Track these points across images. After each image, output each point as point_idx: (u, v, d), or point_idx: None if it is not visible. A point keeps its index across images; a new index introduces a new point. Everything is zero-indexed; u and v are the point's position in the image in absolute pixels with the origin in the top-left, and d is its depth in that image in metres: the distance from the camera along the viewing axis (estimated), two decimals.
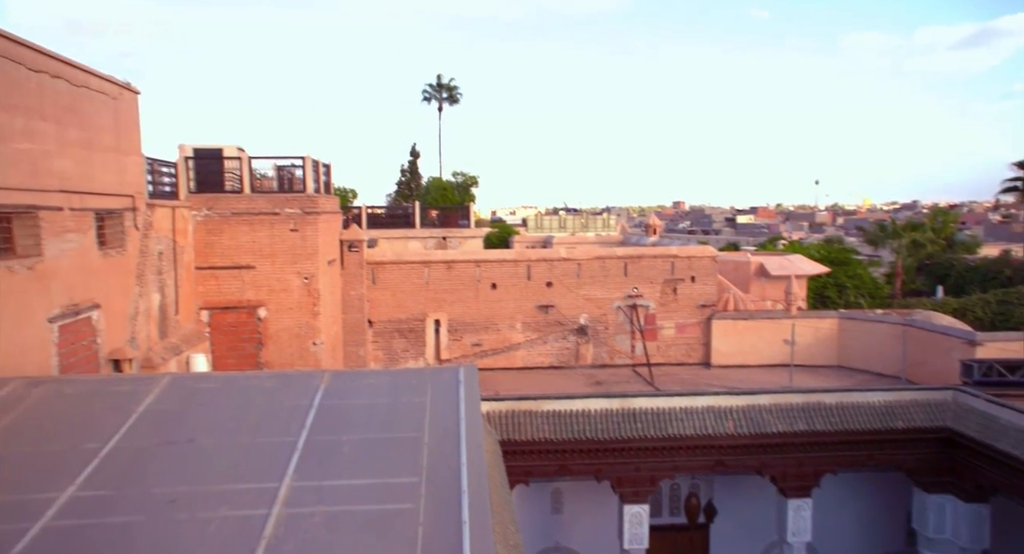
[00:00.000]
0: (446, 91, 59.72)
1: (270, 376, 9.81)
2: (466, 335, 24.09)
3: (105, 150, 12.39)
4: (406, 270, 23.77)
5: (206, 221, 17.30)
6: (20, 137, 9.72)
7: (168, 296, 15.57)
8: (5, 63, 9.38)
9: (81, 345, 11.57)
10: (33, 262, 10.07)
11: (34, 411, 8.09)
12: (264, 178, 19.86)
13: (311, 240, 17.82)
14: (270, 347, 17.77)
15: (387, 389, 9.11)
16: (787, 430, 16.86)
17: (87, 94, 11.74)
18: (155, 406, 8.38)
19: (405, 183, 52.92)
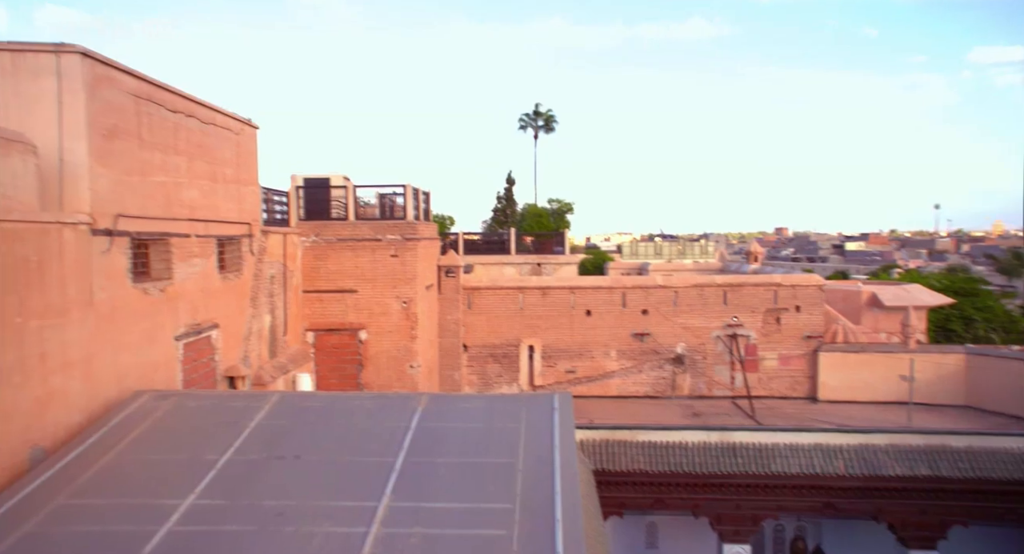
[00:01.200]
0: (542, 119, 60.55)
1: (371, 397, 10.14)
2: (560, 362, 23.99)
3: (227, 181, 13.39)
4: (501, 296, 24.05)
5: (313, 247, 18.26)
6: (158, 171, 10.68)
7: (278, 318, 16.49)
8: (150, 106, 10.38)
9: (202, 362, 12.42)
10: (164, 285, 10.96)
11: (162, 422, 8.74)
12: (367, 206, 20.80)
13: (410, 265, 18.40)
14: (370, 368, 18.39)
15: (482, 414, 9.18)
16: (907, 474, 15.57)
17: (213, 130, 12.77)
18: (265, 422, 8.84)
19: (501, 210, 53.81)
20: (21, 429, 7.57)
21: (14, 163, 7.74)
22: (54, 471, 7.36)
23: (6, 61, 8.53)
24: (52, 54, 8.61)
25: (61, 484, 7.15)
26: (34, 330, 7.79)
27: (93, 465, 7.58)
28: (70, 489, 7.08)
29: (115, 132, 9.48)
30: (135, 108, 10.01)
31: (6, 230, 7.37)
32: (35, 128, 8.54)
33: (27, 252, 7.70)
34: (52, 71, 8.60)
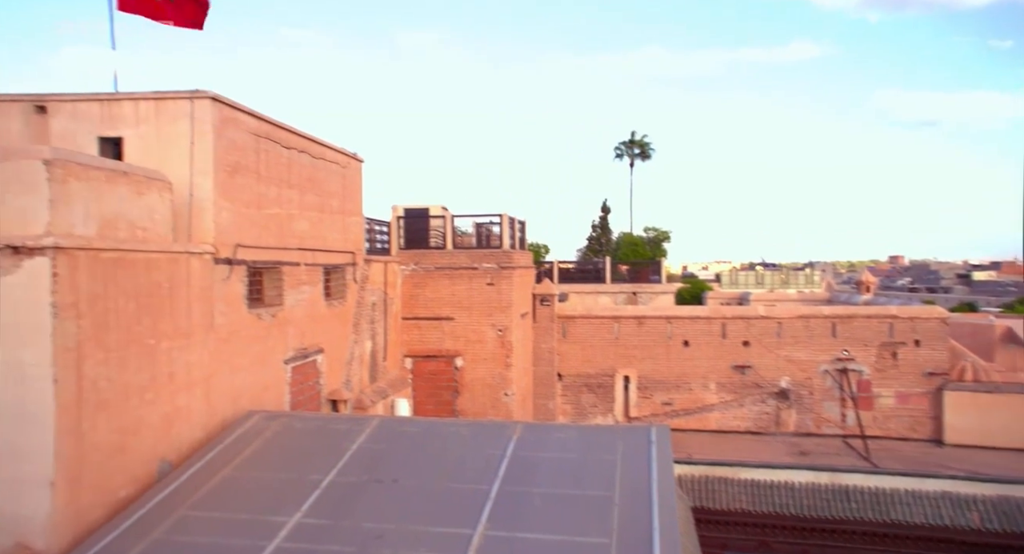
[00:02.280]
0: (638, 147, 60.15)
1: (466, 424, 10.25)
2: (656, 393, 23.37)
3: (334, 212, 14.12)
4: (596, 325, 23.82)
5: (412, 275, 18.84)
6: (273, 204, 11.43)
7: (378, 343, 17.06)
8: (267, 143, 11.18)
9: (308, 385, 13.02)
10: (276, 311, 11.63)
11: (271, 442, 9.20)
12: (464, 235, 21.30)
13: (506, 294, 18.61)
14: (465, 395, 18.62)
15: (577, 444, 9.06)
16: None
17: (323, 164, 13.55)
18: (366, 445, 9.11)
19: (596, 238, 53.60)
20: (151, 443, 8.18)
21: (153, 199, 8.52)
22: (178, 483, 7.89)
23: (151, 108, 9.47)
24: (188, 100, 9.47)
25: (184, 496, 7.65)
26: (164, 351, 8.46)
27: (211, 479, 8.07)
28: (191, 501, 7.56)
29: (237, 168, 10.26)
30: (255, 146, 10.80)
31: (144, 259, 8.09)
32: (170, 166, 9.38)
33: (160, 279, 8.41)
34: (187, 115, 9.46)
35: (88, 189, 7.38)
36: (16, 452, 6.71)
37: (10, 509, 6.72)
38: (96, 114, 9.55)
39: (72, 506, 6.93)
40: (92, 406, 7.18)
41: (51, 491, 6.71)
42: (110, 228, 7.72)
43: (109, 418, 7.44)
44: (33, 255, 6.66)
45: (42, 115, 9.58)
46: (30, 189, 6.83)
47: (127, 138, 9.52)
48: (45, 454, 6.70)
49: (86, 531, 7.06)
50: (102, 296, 7.35)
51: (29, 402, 6.69)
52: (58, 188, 6.94)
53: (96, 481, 7.26)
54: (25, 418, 6.70)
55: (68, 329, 6.85)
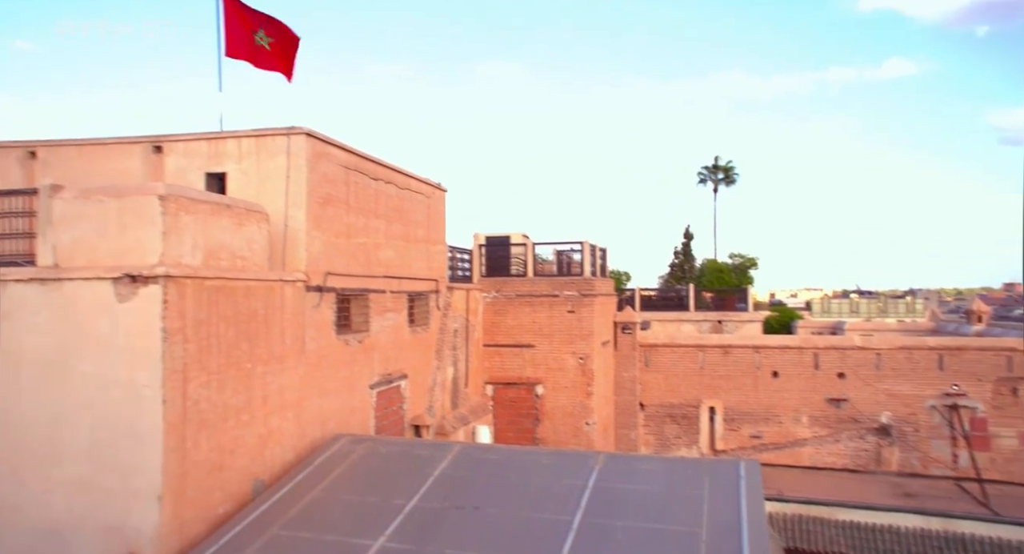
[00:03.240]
0: (722, 172, 58.88)
1: (548, 453, 10.16)
2: (744, 425, 22.43)
3: (418, 241, 14.52)
4: (679, 353, 23.22)
5: (494, 302, 19.02)
6: (360, 233, 11.88)
7: (460, 370, 17.25)
8: (356, 175, 11.68)
9: (392, 410, 13.30)
10: (362, 337, 12.00)
11: (357, 465, 9.42)
12: (545, 262, 21.37)
13: (587, 321, 18.47)
14: (545, 423, 18.48)
15: (661, 476, 8.80)
16: None
17: (408, 194, 13.99)
18: (448, 471, 9.18)
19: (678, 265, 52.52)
20: (247, 462, 8.56)
21: (251, 229, 9.04)
22: (270, 503, 8.20)
23: (252, 145, 10.12)
24: (284, 136, 10.06)
25: (276, 516, 7.93)
26: (259, 375, 8.87)
27: (301, 500, 8.33)
28: (282, 521, 7.83)
29: (328, 200, 10.76)
30: (344, 178, 11.31)
31: (243, 287, 8.57)
32: (267, 198, 9.95)
33: (257, 306, 8.87)
34: (283, 150, 10.04)
35: (196, 222, 7.92)
36: (128, 466, 7.18)
37: (123, 520, 7.17)
38: (204, 151, 10.29)
39: (176, 520, 7.32)
40: (195, 425, 7.60)
41: (159, 504, 7.12)
42: (213, 257, 8.24)
43: (209, 437, 7.85)
44: (147, 283, 7.18)
45: (159, 154, 10.41)
46: (147, 222, 7.41)
47: (230, 173, 10.19)
48: (154, 469, 7.13)
49: (189, 544, 7.42)
50: (205, 322, 7.82)
51: (141, 420, 7.16)
52: (170, 221, 7.49)
53: (197, 497, 7.64)
54: (137, 435, 7.17)
55: (176, 352, 7.32)
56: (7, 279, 7.55)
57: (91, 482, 7.25)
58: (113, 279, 7.25)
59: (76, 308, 7.38)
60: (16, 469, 7.45)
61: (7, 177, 10.79)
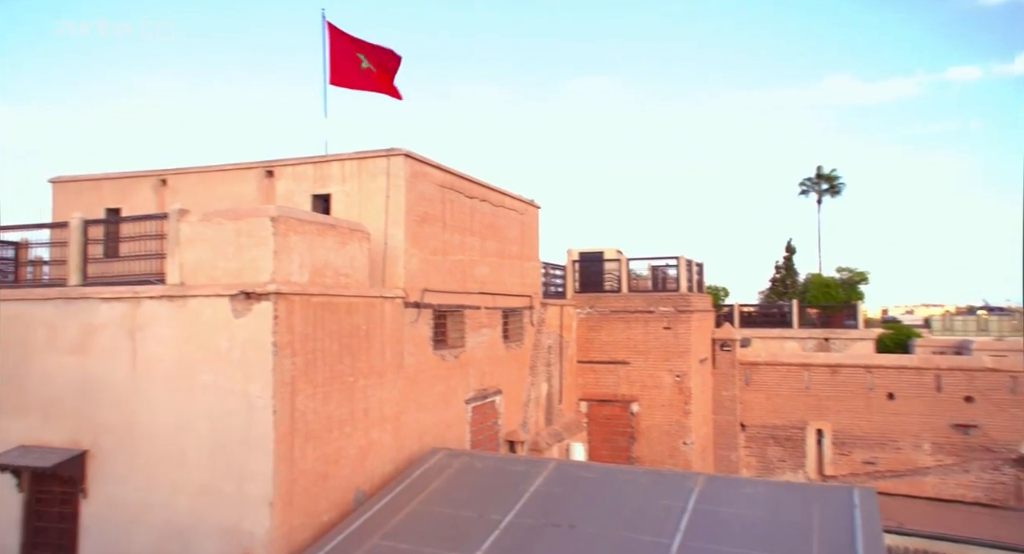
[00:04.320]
0: (826, 182, 56.01)
1: (644, 473, 9.91)
2: (856, 450, 21.01)
3: (512, 257, 14.66)
4: (783, 372, 22.13)
5: (587, 318, 18.88)
6: (456, 250, 12.15)
7: (554, 386, 17.19)
8: (452, 193, 11.99)
9: (487, 425, 13.42)
10: (458, 352, 12.21)
11: (454, 479, 9.56)
12: (639, 278, 21.01)
13: (683, 338, 17.98)
14: (641, 442, 18.07)
15: (766, 501, 8.37)
16: None
17: (502, 211, 14.19)
18: (543, 488, 9.14)
19: (780, 280, 50.24)
20: (349, 473, 8.87)
21: (354, 248, 9.44)
22: (371, 513, 8.45)
23: (355, 167, 10.62)
24: (384, 158, 10.49)
25: (376, 526, 8.16)
26: (361, 388, 9.21)
27: (400, 512, 8.54)
28: (383, 531, 8.04)
29: (425, 218, 11.08)
30: (441, 196, 11.62)
31: (346, 303, 8.95)
32: (368, 218, 10.38)
33: (359, 322, 9.22)
34: (383, 171, 10.46)
35: (303, 241, 8.37)
36: (243, 472, 7.61)
37: (238, 523, 7.60)
38: (311, 175, 10.89)
39: (286, 525, 7.67)
40: (302, 436, 7.97)
41: (270, 510, 7.49)
42: (319, 275, 8.66)
43: (315, 447, 8.20)
44: (260, 300, 7.64)
45: (270, 178, 11.11)
46: (259, 242, 7.90)
47: (334, 194, 10.72)
48: (265, 476, 7.53)
49: (297, 549, 7.76)
50: (311, 336, 8.21)
51: (254, 429, 7.59)
52: (280, 241, 7.95)
53: (304, 504, 7.99)
54: (250, 443, 7.60)
55: (285, 365, 7.72)
56: (142, 296, 8.25)
57: (211, 486, 7.74)
58: (230, 296, 7.76)
59: (199, 323, 7.94)
60: (147, 471, 8.07)
61: (143, 203, 11.83)
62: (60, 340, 8.63)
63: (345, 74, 11.66)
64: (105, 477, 8.25)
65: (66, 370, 8.56)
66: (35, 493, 8.63)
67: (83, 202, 12.04)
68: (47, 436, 8.57)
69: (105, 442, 8.29)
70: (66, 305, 8.64)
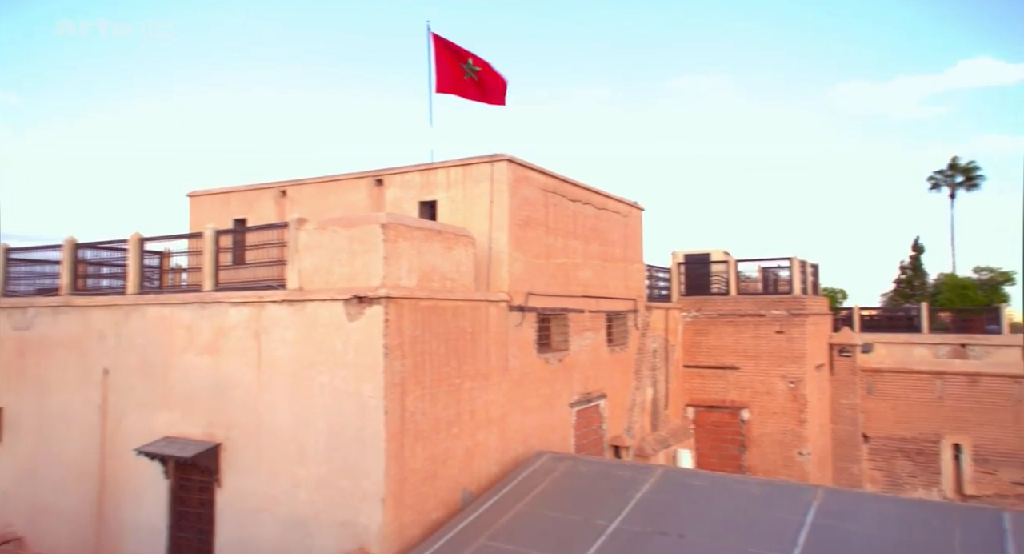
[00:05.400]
0: (961, 174, 51.43)
1: (758, 482, 9.47)
2: (1002, 469, 19.10)
3: (615, 260, 14.48)
4: (912, 381, 20.49)
5: (694, 322, 18.32)
6: (559, 254, 12.15)
7: (659, 391, 16.80)
8: (555, 197, 12.00)
9: (591, 429, 13.30)
10: (562, 356, 12.19)
11: (558, 482, 9.54)
12: (749, 280, 20.14)
13: (797, 343, 17.07)
14: (753, 451, 17.31)
15: (896, 519, 7.77)
16: None
17: (605, 214, 14.05)
18: (650, 495, 8.94)
19: (906, 281, 46.60)
20: (456, 473, 9.07)
21: (459, 253, 9.65)
22: (478, 513, 8.59)
23: (460, 173, 10.87)
24: (488, 164, 10.66)
25: (483, 526, 8.28)
26: (467, 390, 9.39)
27: (506, 513, 8.62)
28: (489, 532, 8.15)
29: (528, 222, 11.16)
30: (543, 200, 11.66)
31: (452, 307, 9.16)
32: (473, 223, 10.58)
33: (464, 325, 9.41)
34: (487, 177, 10.63)
35: (411, 247, 8.65)
36: (357, 469, 7.96)
37: (354, 517, 7.95)
38: (418, 182, 11.25)
39: (397, 521, 7.95)
40: (412, 435, 8.22)
41: (382, 506, 7.79)
42: (426, 279, 8.92)
43: (424, 447, 8.44)
44: (372, 304, 7.96)
45: (380, 186, 11.58)
46: (370, 249, 8.24)
47: (440, 200, 11.02)
48: (378, 473, 7.83)
49: (407, 546, 8.02)
50: (420, 339, 8.46)
51: (367, 428, 7.91)
52: (390, 247, 8.26)
53: (414, 502, 8.24)
54: (363, 441, 7.93)
55: (395, 367, 8.00)
56: (265, 300, 8.82)
57: (328, 481, 8.14)
58: (344, 300, 8.15)
59: (316, 326, 8.39)
60: (272, 464, 8.61)
61: (265, 213, 12.67)
62: (196, 341, 9.38)
63: (450, 82, 11.97)
64: (236, 469, 8.88)
65: (201, 368, 9.30)
66: (178, 480, 9.43)
67: (215, 213, 13.06)
68: (187, 429, 9.34)
69: (235, 436, 8.92)
70: (201, 309, 9.38)
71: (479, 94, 11.99)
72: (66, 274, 11.06)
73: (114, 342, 10.20)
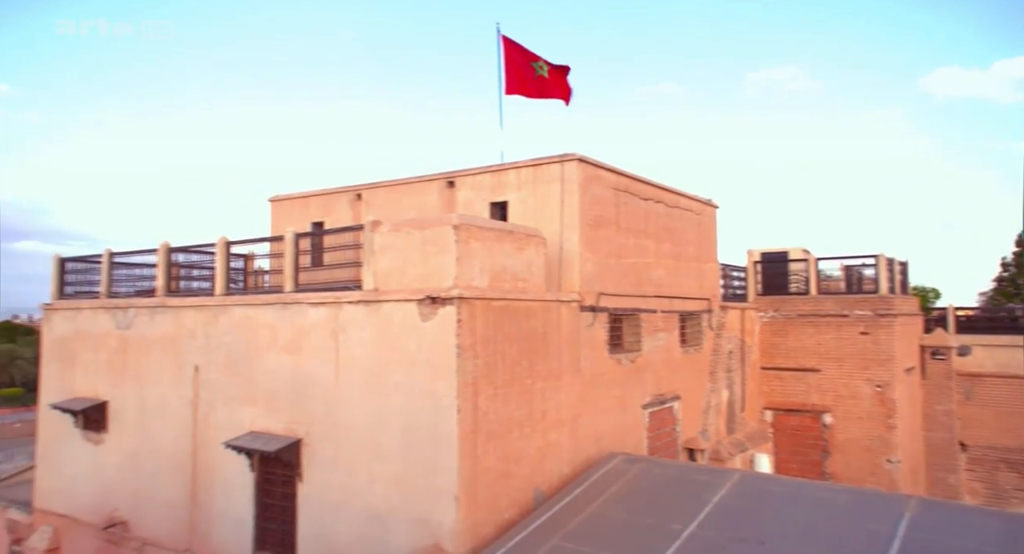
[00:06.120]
0: None
1: (843, 491, 9.04)
2: None
3: (688, 259, 14.15)
4: (1016, 387, 19.12)
5: (771, 322, 17.70)
6: (631, 253, 11.98)
7: (735, 393, 16.32)
8: (626, 196, 11.85)
9: (664, 431, 13.06)
10: (634, 356, 12.02)
11: (632, 485, 9.41)
12: (830, 279, 19.29)
13: (885, 345, 16.21)
14: (836, 457, 16.56)
15: (1002, 536, 7.26)
16: None
17: (677, 213, 13.75)
18: (727, 500, 8.69)
19: (1008, 279, 43.53)
20: (528, 473, 9.08)
21: (530, 253, 9.67)
22: (551, 513, 8.57)
23: (530, 174, 10.89)
24: (558, 164, 10.63)
25: (556, 527, 8.26)
26: (538, 390, 9.39)
27: (579, 514, 8.57)
28: (562, 533, 8.12)
29: (599, 222, 11.05)
30: (614, 199, 11.52)
31: (524, 307, 9.18)
32: (543, 223, 10.57)
33: (536, 325, 9.42)
34: (557, 177, 10.60)
35: (483, 248, 8.72)
36: (431, 467, 8.09)
37: (428, 514, 8.09)
38: (488, 183, 11.34)
39: (470, 519, 8.03)
40: (484, 435, 8.29)
41: (456, 504, 7.89)
42: (498, 280, 8.97)
43: (496, 446, 8.49)
44: (445, 304, 8.08)
45: (451, 188, 11.74)
46: (443, 250, 8.36)
47: (511, 201, 11.06)
48: (451, 471, 7.93)
49: (480, 544, 8.09)
50: (492, 339, 8.52)
51: (440, 426, 8.03)
52: (462, 248, 8.35)
53: (487, 501, 8.30)
54: (437, 439, 8.05)
55: (467, 367, 8.09)
56: (342, 301, 9.10)
57: (403, 478, 8.31)
58: (417, 300, 8.30)
59: (390, 325, 8.58)
60: (350, 460, 8.87)
61: (341, 216, 13.07)
62: (278, 340, 9.77)
63: (520, 83, 12.01)
64: (316, 464, 9.19)
65: (283, 366, 9.68)
66: (263, 473, 9.85)
67: (294, 217, 13.57)
68: (270, 424, 9.74)
69: (315, 432, 9.24)
70: (282, 309, 9.77)
71: (547, 92, 12.00)
72: (161, 276, 11.74)
73: (203, 341, 10.75)
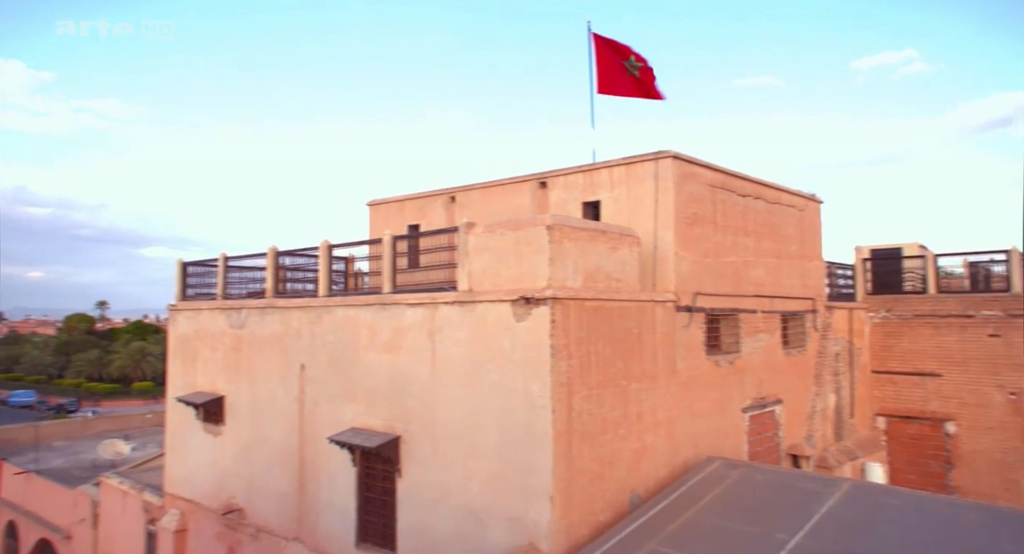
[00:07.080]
0: None
1: (972, 507, 8.34)
2: None
3: (790, 257, 13.51)
4: None
5: (883, 323, 16.62)
6: (729, 252, 11.57)
7: (843, 398, 15.43)
8: (723, 193, 11.46)
9: (766, 436, 12.52)
10: (733, 358, 11.60)
11: (732, 490, 9.08)
12: (951, 277, 17.89)
13: (1019, 348, 14.84)
14: (962, 470, 15.32)
15: None
16: None
17: (778, 209, 13.16)
18: (836, 510, 8.23)
19: None
20: (623, 475, 8.96)
21: (624, 253, 9.53)
22: (647, 517, 8.41)
23: (623, 173, 10.75)
24: (652, 161, 10.43)
25: (653, 531, 8.10)
26: (633, 392, 9.24)
27: (676, 519, 8.36)
28: (659, 537, 7.95)
29: (695, 220, 10.74)
30: (711, 197, 11.17)
31: (617, 308, 9.06)
32: (637, 222, 10.40)
33: (630, 325, 9.27)
34: (651, 175, 10.40)
35: (576, 248, 8.68)
36: (526, 466, 8.13)
37: (523, 513, 8.13)
38: (580, 183, 11.27)
39: (564, 520, 8.01)
40: (578, 435, 8.24)
41: (551, 504, 7.89)
42: (591, 280, 8.90)
43: (591, 447, 8.42)
44: (538, 304, 8.10)
45: (543, 189, 11.76)
46: (536, 250, 8.38)
47: (603, 200, 10.95)
48: (546, 471, 7.94)
49: (575, 545, 8.05)
50: (585, 339, 8.46)
51: (535, 426, 8.06)
52: (555, 248, 8.35)
53: (582, 502, 8.25)
54: (532, 439, 8.08)
55: (561, 367, 8.07)
56: (438, 302, 9.31)
57: (498, 476, 8.40)
58: (511, 301, 8.36)
59: (485, 326, 8.70)
60: (446, 458, 9.06)
61: (436, 219, 13.38)
62: (377, 339, 10.13)
63: (612, 82, 11.86)
64: (414, 460, 9.45)
65: (382, 365, 10.02)
66: (364, 468, 10.24)
67: (391, 220, 14.02)
68: (370, 421, 10.11)
69: (413, 430, 9.50)
70: (381, 310, 10.11)
71: (641, 91, 11.78)
72: (270, 278, 12.44)
73: (308, 340, 11.30)
